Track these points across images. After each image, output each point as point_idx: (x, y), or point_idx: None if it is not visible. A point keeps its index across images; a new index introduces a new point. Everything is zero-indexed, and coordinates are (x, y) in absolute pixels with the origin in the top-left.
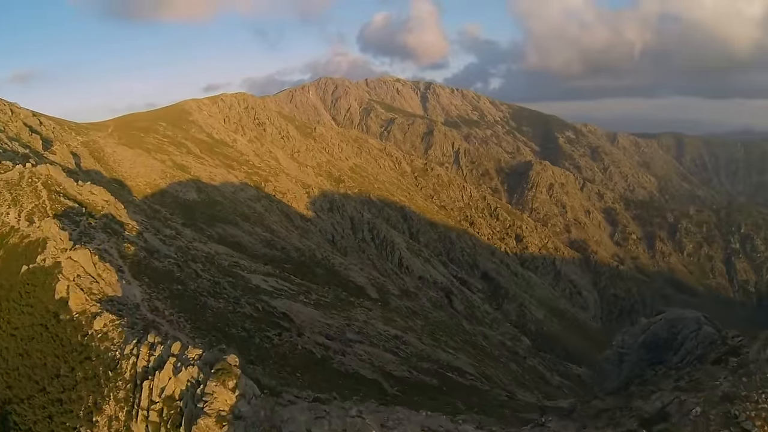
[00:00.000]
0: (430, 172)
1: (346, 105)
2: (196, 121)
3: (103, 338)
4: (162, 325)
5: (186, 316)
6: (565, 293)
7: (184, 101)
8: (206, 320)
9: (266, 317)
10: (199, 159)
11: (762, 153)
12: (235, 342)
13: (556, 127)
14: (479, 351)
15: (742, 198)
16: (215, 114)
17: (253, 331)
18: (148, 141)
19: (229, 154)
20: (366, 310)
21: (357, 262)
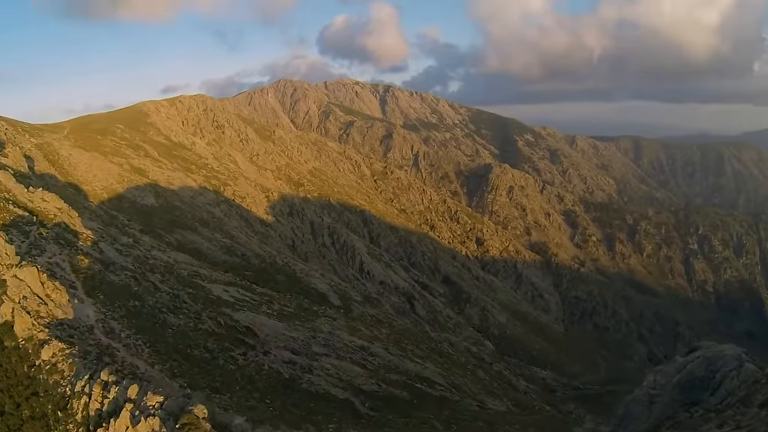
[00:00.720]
0: (390, 175)
1: (305, 108)
2: (154, 123)
3: (52, 370)
4: (118, 351)
5: (144, 337)
6: (527, 296)
7: (142, 103)
8: (166, 341)
9: (229, 333)
10: (157, 162)
11: (718, 156)
12: (198, 365)
13: (515, 130)
14: (446, 359)
15: (699, 199)
16: (173, 116)
17: (217, 351)
18: (105, 143)
19: (188, 157)
20: (330, 319)
21: (318, 267)
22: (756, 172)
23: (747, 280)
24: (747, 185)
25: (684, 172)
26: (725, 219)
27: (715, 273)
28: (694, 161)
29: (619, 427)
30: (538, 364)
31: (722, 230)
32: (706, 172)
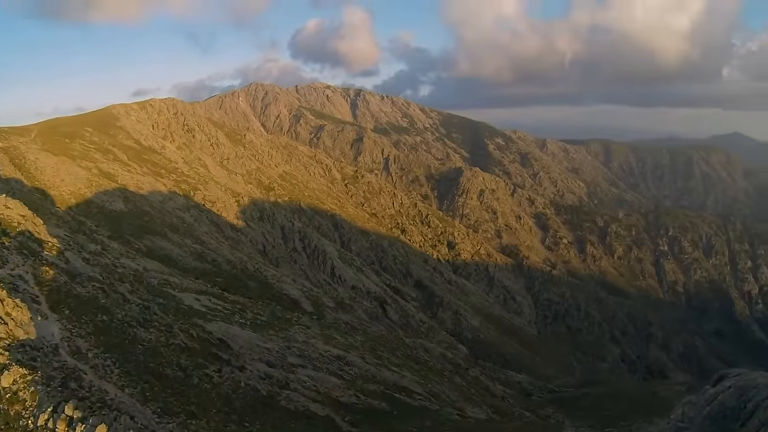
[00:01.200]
0: (361, 179)
1: (275, 111)
2: (123, 126)
3: (13, 399)
4: (85, 374)
5: (113, 356)
6: (499, 299)
7: (112, 106)
8: (137, 359)
9: (203, 347)
10: (127, 167)
11: (687, 159)
12: (171, 386)
13: (486, 134)
14: (422, 365)
15: (668, 202)
16: (144, 120)
17: (191, 369)
18: (74, 147)
19: (158, 161)
20: (304, 327)
21: (289, 273)
22: (724, 175)
23: (716, 280)
24: (715, 187)
25: (653, 175)
26: (694, 221)
27: (686, 274)
28: (664, 164)
29: None
30: (513, 367)
31: (692, 232)
32: (675, 175)
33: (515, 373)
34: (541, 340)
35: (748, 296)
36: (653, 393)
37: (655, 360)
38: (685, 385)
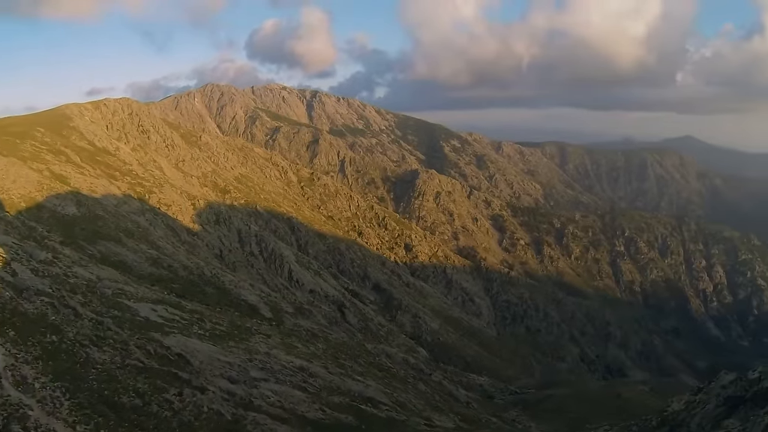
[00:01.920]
0: (317, 181)
1: (231, 113)
2: (77, 127)
3: None
4: (31, 410)
5: (64, 384)
6: (458, 301)
7: (65, 105)
8: (90, 387)
9: (161, 365)
10: (80, 169)
11: (641, 161)
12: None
13: (442, 136)
14: (385, 373)
15: (623, 203)
16: (98, 120)
17: (149, 395)
18: (24, 148)
19: (112, 163)
20: (265, 337)
21: (247, 277)
22: (678, 177)
23: (672, 280)
24: (669, 189)
25: (609, 177)
26: (650, 221)
27: (642, 273)
28: (619, 166)
29: None
30: (474, 369)
31: (647, 232)
32: (629, 177)
33: (476, 375)
34: (500, 341)
35: (703, 294)
36: (618, 395)
37: (614, 359)
38: (648, 385)
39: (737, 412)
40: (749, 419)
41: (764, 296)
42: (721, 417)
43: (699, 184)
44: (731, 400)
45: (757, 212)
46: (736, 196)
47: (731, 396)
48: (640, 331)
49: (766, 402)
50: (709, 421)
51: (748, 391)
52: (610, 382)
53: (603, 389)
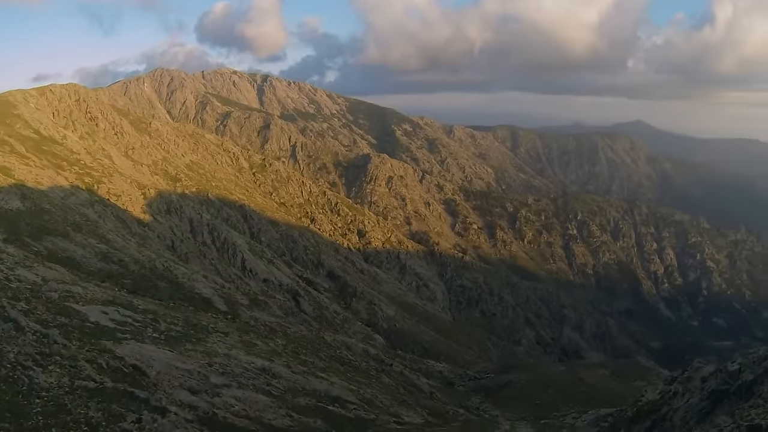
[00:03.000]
0: (269, 167)
1: (181, 98)
2: (21, 114)
3: None
4: None
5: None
6: (412, 287)
7: (8, 92)
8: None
9: (115, 383)
10: (25, 159)
11: (592, 145)
12: None
13: (393, 120)
14: (347, 366)
15: (575, 187)
16: (44, 107)
17: (104, 426)
18: None
19: (59, 152)
20: (222, 335)
21: (200, 268)
22: (628, 161)
23: (624, 262)
24: (620, 173)
25: (560, 161)
26: (602, 205)
27: (594, 256)
28: (570, 150)
29: None
30: (432, 356)
31: (599, 216)
32: (581, 161)
33: (435, 362)
34: (456, 326)
35: (655, 276)
36: (580, 379)
37: (570, 341)
38: (608, 369)
39: (721, 406)
40: (735, 413)
41: (713, 278)
42: (706, 411)
43: (649, 168)
44: (716, 394)
45: (706, 196)
46: (685, 180)
47: (716, 390)
48: (594, 313)
49: (750, 395)
50: (694, 415)
51: (731, 384)
52: (570, 366)
53: (564, 374)
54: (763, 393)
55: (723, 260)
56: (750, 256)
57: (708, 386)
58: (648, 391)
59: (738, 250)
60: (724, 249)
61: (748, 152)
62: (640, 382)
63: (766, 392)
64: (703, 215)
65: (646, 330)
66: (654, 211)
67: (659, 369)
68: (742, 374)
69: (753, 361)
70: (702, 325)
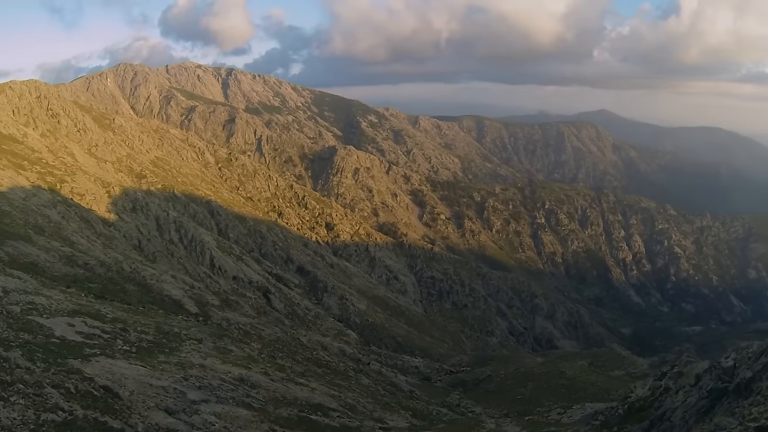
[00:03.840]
0: (235, 161)
1: (145, 93)
2: None
3: None
4: None
5: None
6: (382, 280)
7: None
8: None
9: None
10: None
11: (558, 134)
12: None
13: (359, 112)
14: (325, 368)
15: (541, 175)
16: (3, 105)
17: None
18: None
19: (19, 151)
20: (196, 342)
21: (168, 268)
22: (594, 149)
23: (593, 250)
24: (586, 161)
25: (526, 150)
26: (569, 193)
27: (563, 244)
28: (536, 139)
29: None
30: (406, 350)
31: (567, 204)
32: (547, 150)
33: (410, 356)
34: (428, 319)
35: (623, 263)
36: (561, 372)
37: (543, 330)
38: (586, 359)
39: (721, 404)
40: (735, 412)
41: (681, 264)
42: (705, 410)
43: (615, 156)
44: (715, 392)
45: (671, 183)
46: (650, 168)
47: (715, 388)
48: (565, 301)
49: (749, 392)
50: (693, 414)
51: (729, 382)
52: (547, 358)
53: (543, 366)
54: (763, 390)
55: (690, 246)
56: (716, 241)
57: (705, 384)
58: (637, 387)
59: (704, 236)
60: (691, 235)
61: (711, 140)
62: (617, 372)
63: (765, 389)
64: (669, 202)
65: (617, 317)
66: (621, 198)
67: (634, 357)
68: (738, 370)
69: (748, 356)
70: (671, 310)
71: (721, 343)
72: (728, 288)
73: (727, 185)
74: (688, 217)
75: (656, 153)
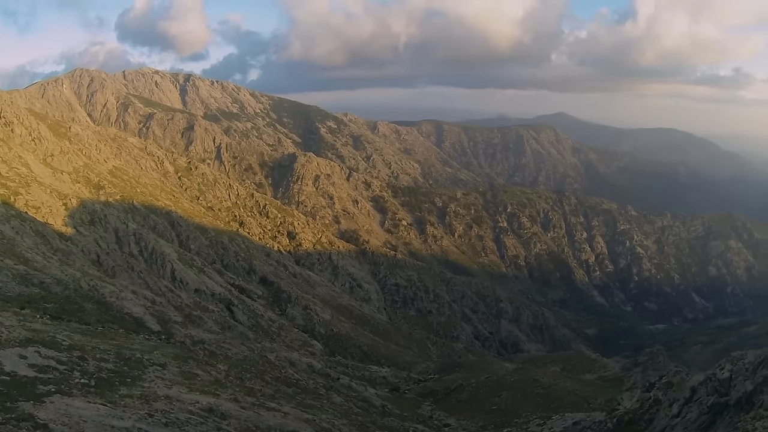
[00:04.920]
0: (194, 170)
1: (102, 100)
2: None
3: None
4: None
5: None
6: (346, 288)
7: None
8: None
9: None
10: None
11: (517, 137)
12: None
13: (317, 118)
14: (295, 387)
15: (501, 179)
16: None
17: None
18: None
19: None
20: (159, 369)
21: (128, 283)
22: (554, 152)
23: (556, 252)
24: (546, 164)
25: (486, 154)
26: (531, 197)
27: (526, 248)
28: (495, 143)
29: None
30: (372, 359)
31: (529, 207)
32: (506, 153)
33: (377, 366)
34: (393, 326)
35: (586, 265)
36: (534, 380)
37: (508, 334)
38: (558, 364)
39: (722, 419)
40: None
41: (643, 264)
42: (706, 425)
43: (574, 159)
44: (716, 407)
45: (631, 184)
46: (609, 169)
47: (715, 403)
48: (530, 305)
49: (751, 406)
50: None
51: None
52: (517, 363)
53: (515, 373)
54: (765, 403)
55: (651, 246)
56: (677, 241)
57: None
58: (624, 398)
59: (665, 236)
60: (652, 235)
61: (668, 141)
62: (588, 376)
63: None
64: (629, 202)
65: (581, 318)
66: (582, 200)
67: (604, 360)
68: (735, 382)
69: (744, 368)
70: (635, 309)
71: (684, 340)
72: (690, 286)
73: (685, 185)
74: (649, 217)
75: (615, 154)
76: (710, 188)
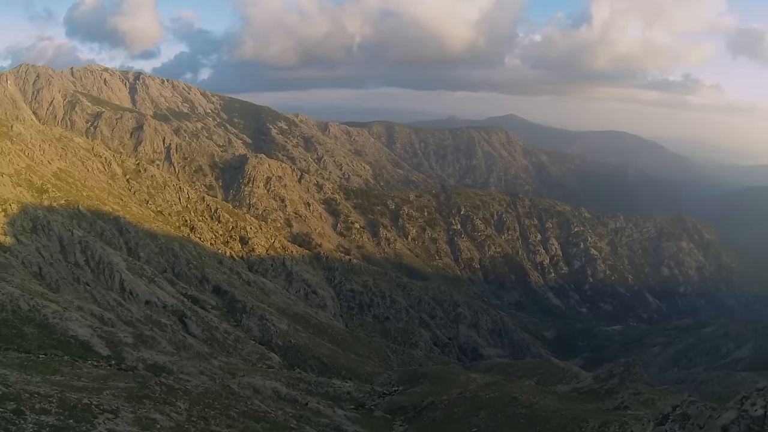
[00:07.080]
0: (143, 172)
1: (48, 97)
2: None
3: None
4: None
5: None
6: (300, 294)
7: None
8: None
9: None
10: None
11: (468, 139)
12: None
13: (268, 118)
14: (264, 421)
15: (453, 180)
16: None
17: None
18: None
19: None
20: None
21: (74, 297)
22: (505, 154)
23: (510, 254)
24: (497, 165)
25: (437, 155)
26: (485, 199)
27: (480, 250)
28: (446, 144)
29: None
30: (333, 371)
31: (483, 209)
32: (458, 155)
33: (340, 381)
34: (351, 334)
35: (541, 267)
36: (513, 397)
37: (467, 339)
38: (533, 378)
39: None
40: None
41: (597, 265)
42: None
43: (526, 161)
44: None
45: (582, 186)
46: (560, 172)
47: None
48: (488, 309)
49: None
50: None
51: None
52: (484, 374)
53: (489, 389)
54: None
55: (605, 248)
56: (630, 242)
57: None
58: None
59: (619, 237)
60: (606, 237)
61: (617, 144)
62: (563, 387)
63: None
64: (581, 204)
65: (538, 320)
66: (536, 203)
67: (574, 369)
68: None
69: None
70: (590, 311)
71: (643, 341)
72: (643, 286)
73: (635, 187)
74: (603, 219)
75: (566, 157)
76: (659, 190)
